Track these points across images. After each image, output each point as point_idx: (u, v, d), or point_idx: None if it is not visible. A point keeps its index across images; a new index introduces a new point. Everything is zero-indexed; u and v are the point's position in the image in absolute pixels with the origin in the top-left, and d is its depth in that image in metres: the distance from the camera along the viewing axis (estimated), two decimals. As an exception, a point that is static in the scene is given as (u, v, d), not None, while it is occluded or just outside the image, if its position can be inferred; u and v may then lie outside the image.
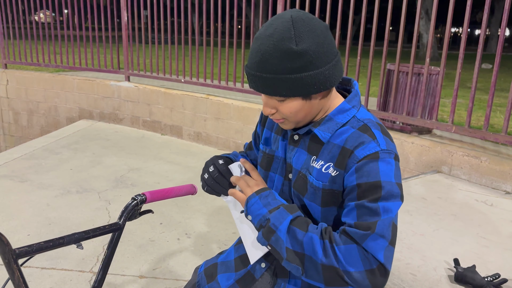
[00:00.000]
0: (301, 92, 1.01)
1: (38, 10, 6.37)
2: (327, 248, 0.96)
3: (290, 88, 0.99)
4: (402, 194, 1.03)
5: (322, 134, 1.07)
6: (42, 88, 6.49)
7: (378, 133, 1.04)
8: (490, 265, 2.04)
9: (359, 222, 0.97)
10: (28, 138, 6.71)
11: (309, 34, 0.98)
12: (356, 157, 1.00)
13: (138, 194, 1.15)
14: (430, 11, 15.79)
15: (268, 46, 0.97)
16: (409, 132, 3.78)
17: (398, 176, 1.03)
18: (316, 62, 0.98)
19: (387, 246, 0.95)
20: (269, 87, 1.01)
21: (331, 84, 1.03)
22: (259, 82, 1.01)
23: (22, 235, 2.93)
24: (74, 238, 0.97)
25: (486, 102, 6.38)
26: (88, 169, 4.29)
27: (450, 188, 3.07)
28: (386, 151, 1.01)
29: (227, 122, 5.03)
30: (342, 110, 1.09)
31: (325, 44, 0.99)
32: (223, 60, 6.26)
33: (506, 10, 3.01)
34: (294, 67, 0.97)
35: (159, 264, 2.63)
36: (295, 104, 1.03)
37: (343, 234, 0.98)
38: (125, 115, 5.98)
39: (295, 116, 1.06)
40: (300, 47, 0.96)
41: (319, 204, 1.07)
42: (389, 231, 0.96)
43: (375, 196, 0.97)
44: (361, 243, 0.94)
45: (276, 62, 0.97)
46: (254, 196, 1.08)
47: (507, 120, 3.11)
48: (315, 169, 1.07)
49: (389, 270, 0.96)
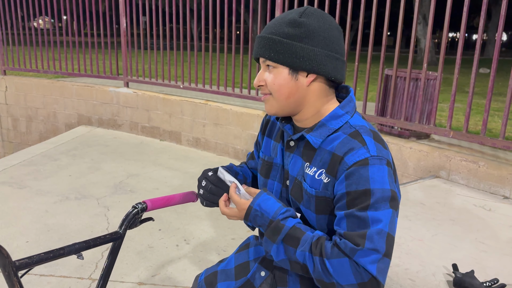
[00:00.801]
0: (288, 60, 1.05)
1: (37, 17, 6.39)
2: (317, 264, 0.96)
3: (279, 52, 1.05)
4: (396, 200, 0.99)
5: (314, 139, 1.07)
6: (41, 94, 6.49)
7: (368, 139, 1.02)
8: (489, 270, 2.05)
9: (349, 233, 0.96)
10: (27, 144, 6.71)
11: (317, 17, 1.07)
12: (346, 164, 1.00)
13: (139, 202, 1.15)
14: (427, 16, 15.88)
15: (279, 17, 1.09)
16: (407, 137, 3.79)
17: (392, 182, 1.00)
18: (312, 38, 1.04)
19: (380, 258, 0.93)
20: (263, 47, 1.08)
21: (319, 70, 1.05)
22: (259, 42, 1.09)
23: (20, 241, 2.92)
24: (74, 248, 0.97)
25: (483, 106, 6.41)
26: (86, 175, 4.29)
27: (448, 193, 3.08)
28: (376, 157, 0.99)
29: (226, 128, 5.04)
30: (335, 116, 1.09)
31: (326, 32, 1.06)
32: (221, 65, 6.28)
33: (502, 16, 3.04)
34: (290, 34, 1.05)
35: (158, 271, 2.62)
36: (281, 76, 1.07)
37: (335, 246, 0.96)
38: (124, 121, 5.98)
39: (278, 90, 1.08)
40: (302, 19, 1.05)
41: (314, 211, 1.07)
42: (381, 242, 0.93)
43: (364, 204, 0.96)
44: (352, 257, 0.93)
45: (278, 25, 1.06)
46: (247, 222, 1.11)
47: (505, 125, 3.13)
48: (308, 175, 1.08)
49: (382, 283, 0.94)
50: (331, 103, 1.12)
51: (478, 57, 3.23)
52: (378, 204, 0.96)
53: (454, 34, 47.12)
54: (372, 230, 0.94)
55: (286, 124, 1.17)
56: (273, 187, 1.21)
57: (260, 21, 4.71)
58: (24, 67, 6.77)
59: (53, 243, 2.91)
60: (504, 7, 3.02)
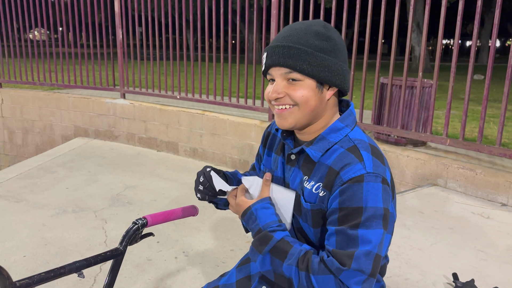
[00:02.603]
0: (320, 74, 1.03)
1: (33, 28, 6.40)
2: (302, 279, 0.96)
3: (312, 65, 1.02)
4: (388, 219, 0.99)
5: (313, 153, 1.07)
6: (37, 106, 6.48)
7: (366, 155, 1.01)
8: (489, 279, 2.05)
9: (337, 251, 0.95)
10: (23, 157, 6.68)
11: (336, 31, 1.09)
12: (341, 180, 0.99)
13: (139, 218, 1.15)
14: (421, 24, 16.03)
15: (300, 27, 1.06)
16: (404, 145, 3.81)
17: (387, 200, 0.99)
18: (339, 53, 1.06)
19: (365, 278, 0.93)
20: (292, 57, 1.02)
21: (343, 85, 1.07)
22: (283, 52, 1.03)
23: (17, 256, 2.90)
24: (75, 267, 0.96)
25: (479, 113, 6.44)
26: (84, 187, 4.27)
27: (446, 201, 3.09)
28: (372, 174, 0.98)
29: (223, 138, 5.04)
30: (335, 129, 1.08)
31: (344, 47, 1.09)
32: (218, 75, 6.29)
33: (496, 24, 3.07)
34: (321, 47, 1.03)
35: (157, 284, 2.61)
36: (309, 88, 1.04)
37: (322, 263, 0.96)
38: (121, 132, 5.98)
39: (306, 102, 1.04)
40: (330, 33, 1.06)
41: (311, 226, 1.07)
42: (368, 264, 0.93)
43: (355, 222, 0.95)
44: (338, 276, 0.93)
45: (306, 37, 1.03)
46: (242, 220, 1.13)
47: (501, 132, 3.15)
48: (306, 189, 1.07)
49: None
50: (336, 115, 1.13)
51: (473, 64, 3.25)
52: (369, 222, 0.95)
53: (447, 41, 47.51)
54: (360, 251, 0.94)
55: (288, 137, 1.17)
56: None
57: (256, 31, 4.73)
58: (20, 79, 6.77)
59: (50, 257, 2.89)
60: (498, 15, 3.05)
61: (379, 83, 3.93)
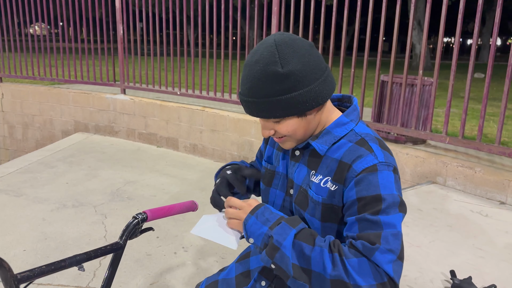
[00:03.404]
0: (294, 111, 1.03)
1: (33, 23, 6.39)
2: (337, 262, 0.93)
3: (283, 109, 1.02)
4: (404, 206, 1.01)
5: (319, 146, 1.09)
6: (37, 101, 6.48)
7: (375, 147, 1.04)
8: (486, 277, 2.06)
9: (363, 234, 0.95)
10: (23, 151, 6.68)
11: (293, 55, 1.01)
12: (355, 171, 1.01)
13: (139, 213, 1.15)
14: (422, 22, 16.00)
15: (256, 72, 1.01)
16: (403, 143, 3.81)
17: (399, 188, 1.02)
18: (304, 81, 1.01)
19: (395, 260, 0.93)
20: (263, 110, 1.04)
21: (323, 99, 1.05)
22: (253, 107, 1.05)
23: (17, 250, 2.91)
24: (75, 260, 0.97)
25: (478, 111, 6.45)
26: (84, 182, 4.28)
27: (445, 199, 3.10)
28: (384, 163, 1.01)
29: (223, 134, 5.05)
30: (340, 123, 1.10)
31: (310, 62, 1.02)
32: (218, 71, 6.29)
33: (496, 23, 3.07)
34: (283, 89, 1.00)
35: (156, 279, 2.62)
36: (291, 123, 1.06)
37: (351, 248, 0.95)
38: (121, 127, 5.98)
39: (294, 134, 1.08)
40: (286, 69, 0.99)
41: (319, 219, 1.07)
42: (396, 244, 0.94)
43: (376, 209, 0.96)
44: (370, 257, 0.92)
45: (265, 86, 1.00)
46: (250, 217, 1.04)
47: (500, 131, 3.15)
48: (314, 183, 1.08)
49: (398, 285, 0.94)
50: (332, 111, 1.14)
51: (473, 62, 3.25)
52: (389, 209, 0.97)
53: (448, 39, 47.44)
54: (386, 232, 0.94)
55: None
56: (275, 195, 1.22)
57: (257, 28, 4.73)
58: (21, 74, 6.76)
59: (50, 251, 2.90)
60: (499, 13, 3.05)
61: (379, 81, 3.93)
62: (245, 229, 1.05)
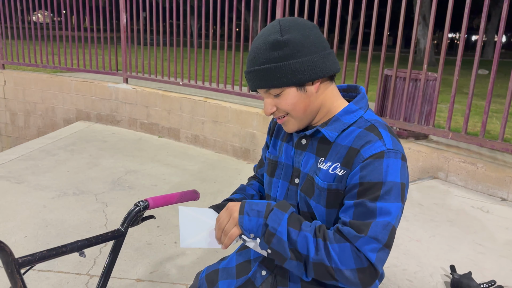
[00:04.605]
0: (292, 80, 1.05)
1: (36, 10, 6.37)
2: (320, 247, 0.97)
3: (281, 77, 1.04)
4: (405, 195, 1.03)
5: (329, 133, 1.10)
6: (39, 89, 6.47)
7: (385, 133, 1.05)
8: (486, 272, 2.06)
9: (354, 221, 0.98)
10: (24, 139, 6.69)
11: (294, 26, 1.06)
12: (362, 156, 1.02)
13: (141, 201, 1.15)
14: (427, 17, 15.90)
15: (259, 43, 1.06)
16: (405, 137, 3.80)
17: (405, 176, 1.03)
18: (303, 50, 1.04)
19: (380, 248, 0.96)
20: (262, 79, 1.06)
21: (323, 73, 1.06)
22: (253, 77, 1.08)
23: (18, 236, 2.92)
24: (76, 246, 0.97)
25: (482, 108, 6.42)
26: (85, 171, 4.28)
27: (446, 194, 3.09)
28: (392, 151, 1.02)
29: (224, 125, 5.04)
30: (349, 111, 1.11)
31: (311, 36, 1.06)
32: (221, 63, 6.27)
33: (503, 18, 3.04)
34: (281, 55, 1.04)
35: (156, 268, 2.63)
36: (291, 95, 1.07)
37: (337, 233, 0.99)
38: (123, 117, 5.97)
39: (294, 108, 1.09)
40: (286, 37, 1.04)
41: (324, 206, 1.08)
42: (384, 234, 0.97)
43: (375, 195, 0.98)
44: (354, 243, 0.96)
45: (265, 53, 1.05)
46: (242, 218, 1.04)
47: (504, 127, 3.14)
48: (322, 170, 1.09)
49: (379, 271, 0.97)
50: (337, 97, 1.14)
51: (478, 58, 3.23)
52: (388, 196, 0.98)
53: (453, 35, 47.18)
54: (378, 222, 0.97)
55: None
56: (278, 185, 1.22)
57: (261, 19, 4.70)
58: (23, 61, 6.75)
59: (51, 238, 2.91)
60: (506, 9, 3.02)
61: (383, 75, 3.91)
62: (243, 229, 1.05)
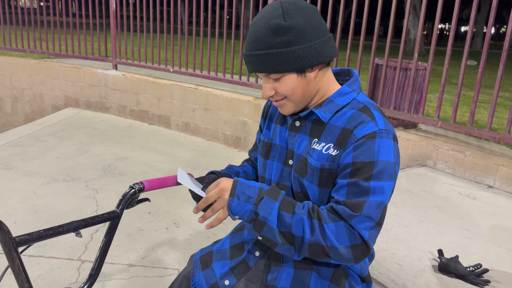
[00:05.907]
0: (294, 66, 1.05)
1: (23, -5, 6.24)
2: (315, 228, 0.99)
3: (283, 62, 1.04)
4: (397, 174, 1.05)
5: (323, 114, 1.11)
6: (27, 74, 6.38)
7: (377, 114, 1.07)
8: (472, 256, 2.11)
9: (348, 200, 1.01)
10: (12, 125, 6.60)
11: (297, 11, 1.04)
12: (355, 137, 1.04)
13: (136, 183, 1.16)
14: (418, 7, 15.95)
15: (260, 26, 1.05)
16: (395, 126, 3.84)
17: (396, 155, 1.06)
18: (305, 36, 1.04)
19: (373, 226, 0.99)
20: (263, 64, 1.06)
21: (324, 59, 1.07)
22: (255, 61, 1.07)
23: (8, 222, 2.90)
24: (73, 226, 0.98)
25: (470, 98, 6.50)
26: (75, 157, 4.25)
27: (434, 181, 3.14)
28: (384, 131, 1.04)
29: (215, 113, 5.03)
30: (342, 93, 1.13)
31: (313, 21, 1.06)
32: (212, 50, 6.23)
33: (494, 8, 3.07)
34: (284, 41, 1.03)
35: (148, 253, 2.64)
36: (291, 80, 1.08)
37: (331, 212, 1.01)
38: (112, 103, 5.92)
39: (293, 93, 1.10)
40: (289, 22, 1.03)
41: (317, 185, 1.10)
42: (377, 212, 1.00)
43: (368, 174, 1.00)
44: (349, 221, 0.98)
45: (267, 38, 1.04)
46: (232, 200, 1.04)
47: (491, 116, 3.19)
48: (316, 150, 1.11)
49: (371, 248, 1.01)
50: (332, 81, 1.16)
51: (468, 49, 3.26)
52: (381, 175, 1.01)
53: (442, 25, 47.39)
54: (371, 201, 0.99)
55: None
56: (273, 167, 1.23)
57: (253, 7, 4.67)
58: (10, 46, 6.63)
59: (41, 224, 2.90)
60: (496, 0, 3.05)
61: (374, 64, 3.93)
62: (230, 212, 1.05)
